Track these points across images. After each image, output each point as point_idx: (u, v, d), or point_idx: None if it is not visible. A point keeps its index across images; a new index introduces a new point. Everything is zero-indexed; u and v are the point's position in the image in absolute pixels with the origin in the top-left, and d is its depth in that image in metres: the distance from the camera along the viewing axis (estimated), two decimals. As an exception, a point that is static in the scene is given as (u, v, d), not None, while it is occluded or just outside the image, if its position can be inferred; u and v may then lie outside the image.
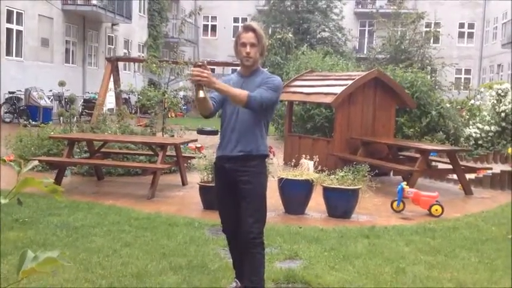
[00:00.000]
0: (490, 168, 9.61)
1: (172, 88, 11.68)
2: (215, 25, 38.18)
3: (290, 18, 27.37)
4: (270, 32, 25.76)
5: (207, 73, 3.33)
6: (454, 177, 9.20)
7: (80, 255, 4.63)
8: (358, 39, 33.96)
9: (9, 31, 18.43)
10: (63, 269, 4.16)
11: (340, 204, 6.69)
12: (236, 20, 36.42)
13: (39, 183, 1.58)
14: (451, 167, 8.90)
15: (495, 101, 13.89)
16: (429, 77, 14.97)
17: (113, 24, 25.77)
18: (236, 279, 3.98)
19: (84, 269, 4.32)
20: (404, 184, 7.27)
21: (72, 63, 22.81)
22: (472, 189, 8.78)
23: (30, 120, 14.54)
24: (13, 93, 17.58)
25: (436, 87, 17.32)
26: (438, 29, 24.87)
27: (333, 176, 6.81)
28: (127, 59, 21.37)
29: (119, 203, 6.84)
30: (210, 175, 6.77)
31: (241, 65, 3.74)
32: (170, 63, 11.90)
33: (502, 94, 13.85)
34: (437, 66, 20.78)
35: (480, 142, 13.61)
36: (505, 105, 13.55)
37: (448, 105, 13.34)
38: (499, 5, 32.84)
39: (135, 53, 28.73)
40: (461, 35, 36.27)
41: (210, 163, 6.69)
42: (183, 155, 8.78)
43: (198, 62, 3.47)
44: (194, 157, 9.43)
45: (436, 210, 6.93)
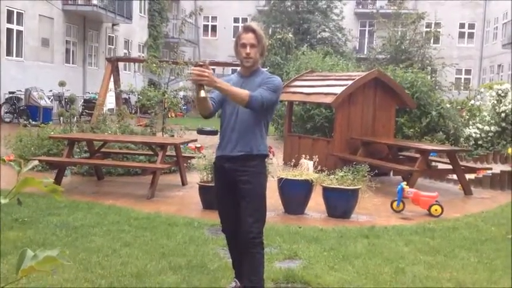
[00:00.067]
0: (490, 169, 9.61)
1: (172, 88, 11.69)
2: (215, 25, 38.16)
3: (290, 18, 27.39)
4: (270, 32, 25.78)
5: (208, 72, 3.34)
6: (454, 177, 9.20)
7: (79, 255, 4.63)
8: (358, 40, 33.97)
9: (10, 31, 18.44)
10: (63, 269, 4.16)
11: (340, 204, 6.69)
12: (236, 20, 36.42)
13: (39, 183, 1.58)
14: (451, 167, 8.90)
15: (495, 102, 13.90)
16: (429, 77, 14.97)
17: (113, 25, 25.78)
18: (235, 279, 3.99)
19: (83, 269, 4.33)
20: (404, 184, 7.27)
21: (73, 64, 22.82)
22: (471, 189, 8.78)
23: (30, 120, 14.56)
24: (13, 93, 17.59)
25: (436, 88, 17.32)
26: (438, 29, 24.85)
27: (333, 176, 6.81)
28: (127, 59, 21.37)
29: (119, 203, 6.85)
30: (209, 175, 6.77)
31: (241, 66, 3.75)
32: (170, 64, 11.91)
33: (502, 94, 13.86)
34: (438, 67, 20.78)
35: (480, 142, 13.61)
36: (505, 106, 13.55)
37: (448, 106, 13.35)
38: (500, 5, 32.85)
39: (135, 53, 28.75)
40: (462, 35, 36.27)
41: (209, 163, 6.69)
42: (183, 155, 8.79)
43: (199, 61, 3.47)
44: (194, 157, 9.44)
45: (436, 210, 6.94)
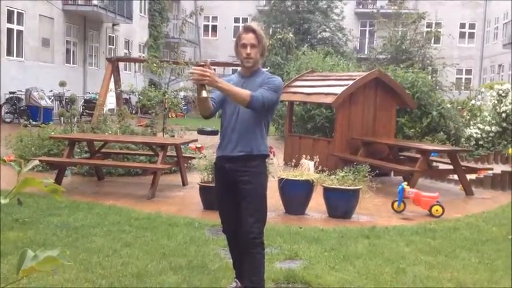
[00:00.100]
0: (491, 169, 9.61)
1: (173, 88, 11.69)
2: (216, 25, 38.16)
3: (291, 18, 27.40)
4: (270, 32, 25.77)
5: (209, 72, 3.34)
6: (455, 177, 9.19)
7: (80, 255, 4.63)
8: (358, 40, 33.97)
9: (10, 31, 18.44)
10: (64, 269, 4.16)
11: (341, 204, 6.68)
12: (237, 20, 36.42)
13: (39, 183, 1.58)
14: (451, 167, 8.89)
15: (496, 102, 13.89)
16: (430, 77, 14.98)
17: (113, 25, 25.78)
18: (236, 279, 3.98)
19: (84, 269, 4.32)
20: (405, 184, 7.26)
21: (73, 64, 22.83)
22: (472, 189, 8.77)
23: (30, 120, 14.56)
24: (14, 93, 17.60)
25: (437, 88, 17.32)
26: (439, 29, 24.84)
27: (334, 176, 6.80)
28: (128, 59, 21.38)
29: (119, 203, 6.85)
30: (210, 175, 6.77)
31: (242, 66, 3.74)
32: (171, 64, 11.90)
33: (502, 94, 13.85)
34: (438, 67, 20.78)
35: (481, 142, 13.61)
36: (506, 106, 13.54)
37: (448, 106, 13.34)
38: (500, 5, 32.84)
39: (135, 53, 28.76)
40: (462, 35, 36.27)
41: (210, 163, 6.69)
42: (184, 155, 8.78)
43: (201, 61, 3.47)
44: (194, 157, 9.43)
45: (437, 210, 6.93)
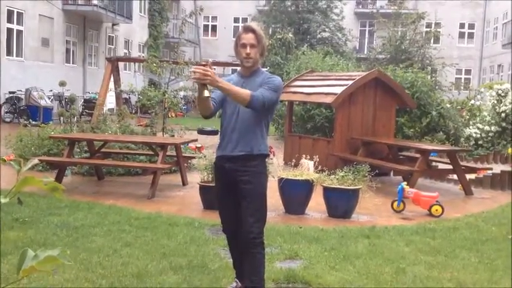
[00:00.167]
0: (490, 169, 9.61)
1: (173, 88, 11.68)
2: (215, 25, 38.15)
3: (290, 18, 27.39)
4: (270, 32, 25.78)
5: (211, 72, 3.35)
6: (455, 177, 9.20)
7: (80, 255, 4.63)
8: (358, 40, 33.96)
9: (10, 31, 18.43)
10: (64, 269, 4.16)
11: (341, 204, 6.69)
12: (236, 20, 36.41)
13: (39, 181, 1.58)
14: (451, 167, 8.90)
15: (495, 101, 13.90)
16: (429, 77, 14.95)
17: (113, 24, 25.77)
18: (236, 279, 3.99)
19: (84, 269, 4.32)
20: (404, 184, 7.27)
21: (73, 63, 22.82)
22: (472, 189, 8.78)
23: (30, 120, 14.56)
24: (13, 93, 17.59)
25: (437, 88, 17.31)
26: (438, 29, 24.85)
27: (333, 176, 6.81)
28: (127, 59, 21.37)
29: (119, 203, 6.85)
30: (210, 175, 6.77)
31: (242, 66, 3.75)
32: (170, 63, 11.90)
33: (502, 94, 13.85)
34: (438, 67, 20.77)
35: (480, 142, 13.61)
36: (505, 106, 13.55)
37: (448, 106, 13.34)
38: (500, 5, 32.84)
39: (135, 53, 28.75)
40: (462, 35, 36.27)
41: (210, 163, 6.69)
42: (184, 155, 8.78)
43: (202, 61, 3.48)
44: (194, 157, 9.44)
45: (436, 210, 6.93)
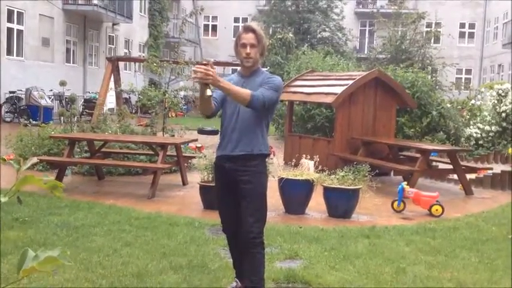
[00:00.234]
0: (491, 169, 9.61)
1: (173, 88, 11.68)
2: (216, 25, 38.15)
3: (291, 18, 27.38)
4: (270, 32, 25.77)
5: (212, 71, 3.35)
6: (455, 177, 9.20)
7: (80, 255, 4.63)
8: (358, 39, 33.95)
9: (10, 31, 18.43)
10: (64, 269, 4.16)
11: (341, 204, 6.69)
12: (237, 19, 36.41)
13: (38, 180, 1.58)
14: (451, 167, 8.89)
15: (496, 101, 13.89)
16: (430, 77, 14.97)
17: (113, 24, 25.77)
18: (236, 279, 3.99)
19: (84, 269, 4.32)
20: (404, 184, 7.27)
21: (73, 63, 22.82)
22: (472, 189, 8.78)
23: (30, 119, 14.57)
24: (14, 92, 17.59)
25: (437, 87, 17.32)
26: (439, 29, 24.83)
27: (334, 176, 6.80)
28: (128, 58, 21.37)
29: (120, 203, 6.85)
30: (210, 175, 6.77)
31: (242, 66, 3.75)
32: (171, 63, 11.89)
33: (502, 94, 13.85)
34: (438, 66, 20.77)
35: (481, 142, 13.61)
36: (506, 106, 13.54)
37: (448, 105, 13.34)
38: (500, 5, 32.83)
39: (135, 52, 28.75)
40: (462, 35, 36.25)
41: (210, 163, 6.69)
42: (184, 154, 8.78)
43: (203, 60, 3.48)
44: (194, 157, 9.44)
45: (437, 210, 6.93)
